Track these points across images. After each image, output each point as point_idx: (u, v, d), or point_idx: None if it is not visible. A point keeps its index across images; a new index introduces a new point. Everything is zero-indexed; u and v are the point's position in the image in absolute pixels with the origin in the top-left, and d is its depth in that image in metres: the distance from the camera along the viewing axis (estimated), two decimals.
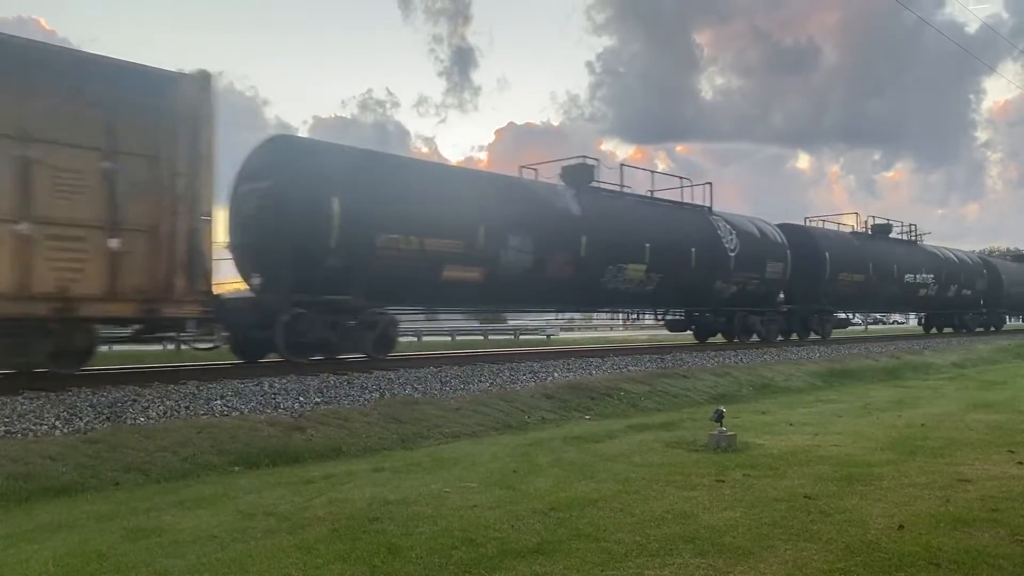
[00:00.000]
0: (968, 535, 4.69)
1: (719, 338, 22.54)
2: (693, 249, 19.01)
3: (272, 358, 12.78)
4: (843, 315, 27.20)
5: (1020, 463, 6.88)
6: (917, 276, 28.96)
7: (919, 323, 35.86)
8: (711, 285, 19.98)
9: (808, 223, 27.08)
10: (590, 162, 18.11)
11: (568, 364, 14.61)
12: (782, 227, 23.52)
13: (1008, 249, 51.74)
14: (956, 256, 32.98)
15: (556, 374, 13.52)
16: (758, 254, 21.25)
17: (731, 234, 20.46)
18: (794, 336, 23.83)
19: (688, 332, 23.03)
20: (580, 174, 17.81)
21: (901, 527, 4.86)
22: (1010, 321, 44.71)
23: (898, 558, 4.28)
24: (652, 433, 8.94)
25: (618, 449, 7.85)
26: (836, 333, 26.71)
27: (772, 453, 7.44)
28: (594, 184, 17.99)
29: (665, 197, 20.22)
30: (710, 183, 21.32)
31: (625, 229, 17.54)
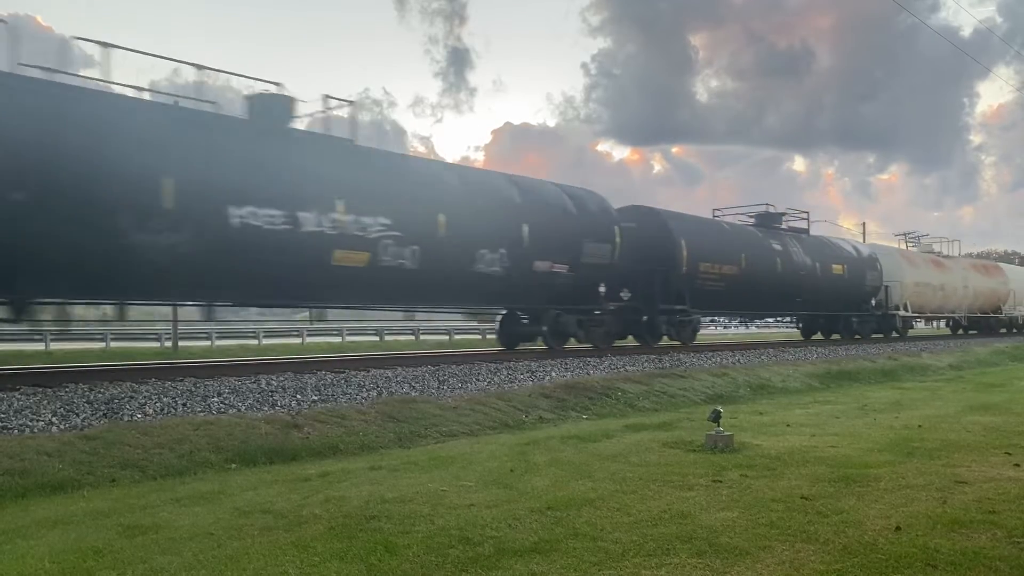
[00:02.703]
0: (965, 537, 4.69)
1: None
2: None
3: None
4: None
5: (1017, 465, 6.89)
6: (304, 216, 11.53)
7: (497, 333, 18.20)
8: None
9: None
10: None
11: (565, 364, 14.60)
12: None
13: (1006, 252, 47.50)
14: (520, 188, 15.47)
15: (554, 373, 13.51)
16: None
17: None
18: None
19: None
20: None
21: (898, 528, 4.86)
22: (725, 326, 32.66)
23: (895, 559, 4.28)
24: (649, 433, 8.94)
25: (615, 449, 7.85)
26: None
27: (769, 454, 7.44)
28: None
29: None
30: None
31: None
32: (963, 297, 32.87)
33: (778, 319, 30.78)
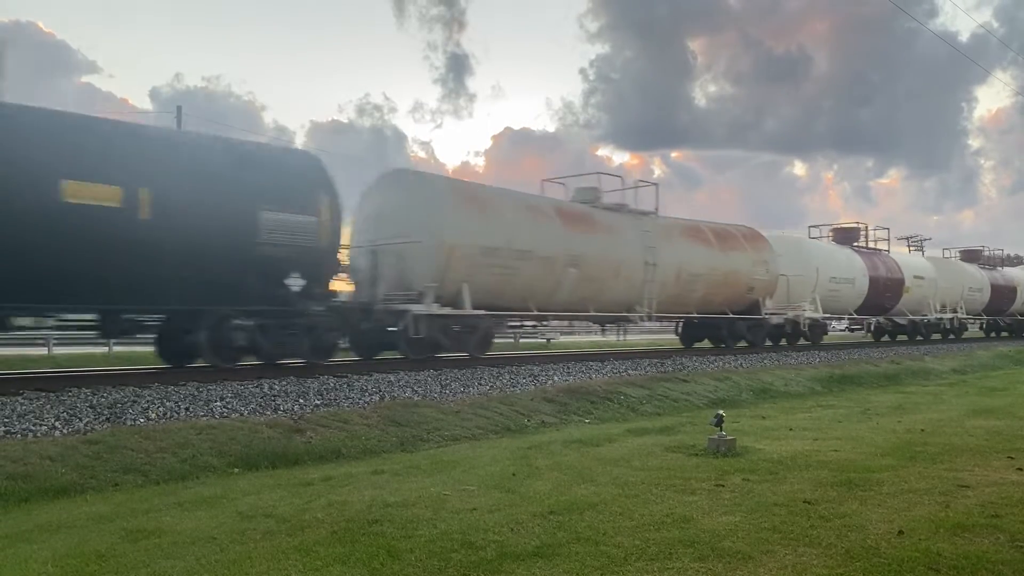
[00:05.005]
0: (968, 541, 4.69)
1: None
2: None
3: None
4: None
5: (1020, 469, 6.88)
6: None
7: None
8: None
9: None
10: None
11: (568, 368, 14.60)
12: None
13: (1010, 256, 43.89)
14: None
15: (556, 377, 13.51)
16: None
17: None
18: None
19: None
20: None
21: (901, 532, 4.86)
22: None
23: (898, 563, 4.28)
24: (652, 437, 8.94)
25: (618, 453, 7.84)
26: None
27: (772, 458, 7.44)
28: None
29: None
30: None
31: None
32: (645, 283, 17.47)
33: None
